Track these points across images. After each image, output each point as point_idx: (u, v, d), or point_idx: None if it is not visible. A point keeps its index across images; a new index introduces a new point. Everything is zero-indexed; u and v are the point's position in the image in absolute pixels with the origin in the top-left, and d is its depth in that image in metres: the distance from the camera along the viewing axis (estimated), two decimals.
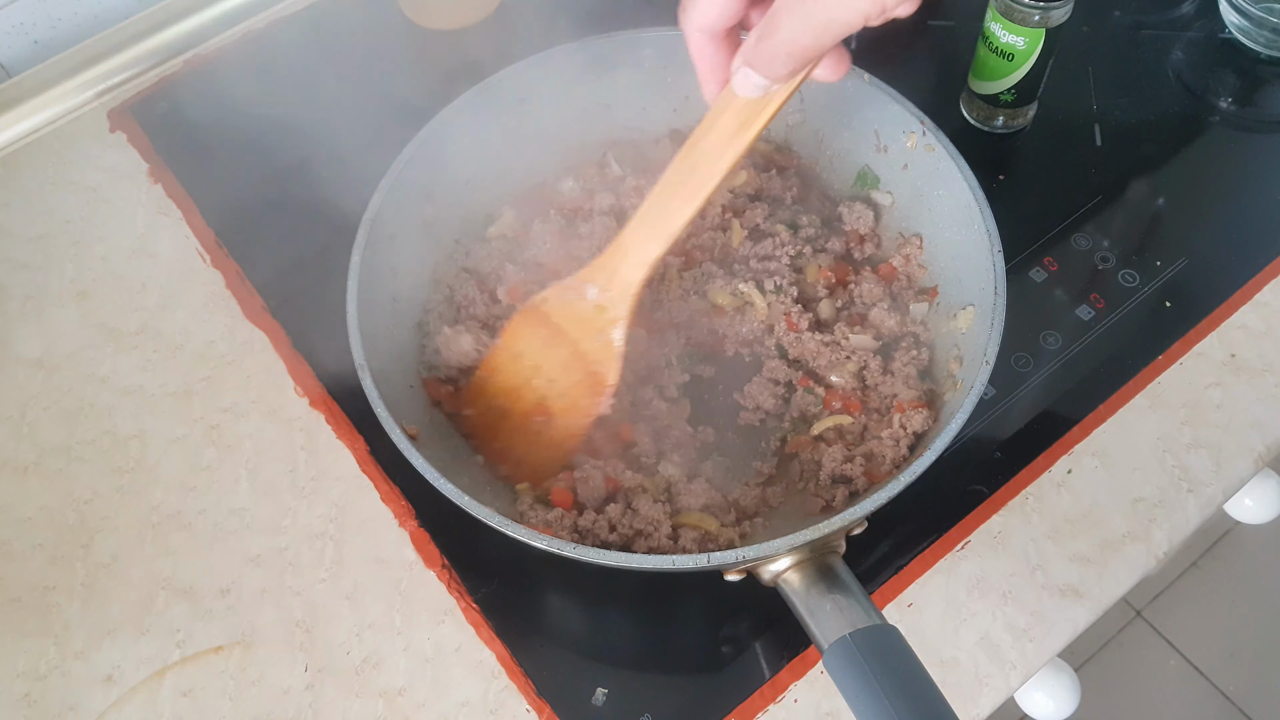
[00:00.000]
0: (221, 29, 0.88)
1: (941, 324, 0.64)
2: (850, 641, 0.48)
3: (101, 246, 0.77)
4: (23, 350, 0.73)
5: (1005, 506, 0.64)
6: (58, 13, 0.87)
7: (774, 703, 0.59)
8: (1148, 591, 1.51)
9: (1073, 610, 0.61)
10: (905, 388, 0.62)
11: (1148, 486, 0.65)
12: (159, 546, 0.65)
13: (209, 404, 0.70)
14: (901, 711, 0.46)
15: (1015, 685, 0.60)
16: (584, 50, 0.70)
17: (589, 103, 0.73)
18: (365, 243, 0.61)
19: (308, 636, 0.62)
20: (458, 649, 0.61)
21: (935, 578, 0.62)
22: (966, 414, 0.54)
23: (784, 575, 0.52)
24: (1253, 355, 0.69)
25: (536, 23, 0.86)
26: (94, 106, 0.85)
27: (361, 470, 0.67)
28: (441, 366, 0.64)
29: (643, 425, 0.63)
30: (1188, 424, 0.67)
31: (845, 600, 0.51)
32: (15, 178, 0.81)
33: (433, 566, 0.63)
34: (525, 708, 0.59)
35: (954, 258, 0.64)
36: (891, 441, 0.60)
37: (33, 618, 0.63)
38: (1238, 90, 0.82)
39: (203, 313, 0.74)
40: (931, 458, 0.53)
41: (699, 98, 0.73)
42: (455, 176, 0.69)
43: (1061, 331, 0.70)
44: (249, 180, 0.80)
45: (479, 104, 0.68)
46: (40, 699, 0.60)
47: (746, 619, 0.61)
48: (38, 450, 0.69)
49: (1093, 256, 0.74)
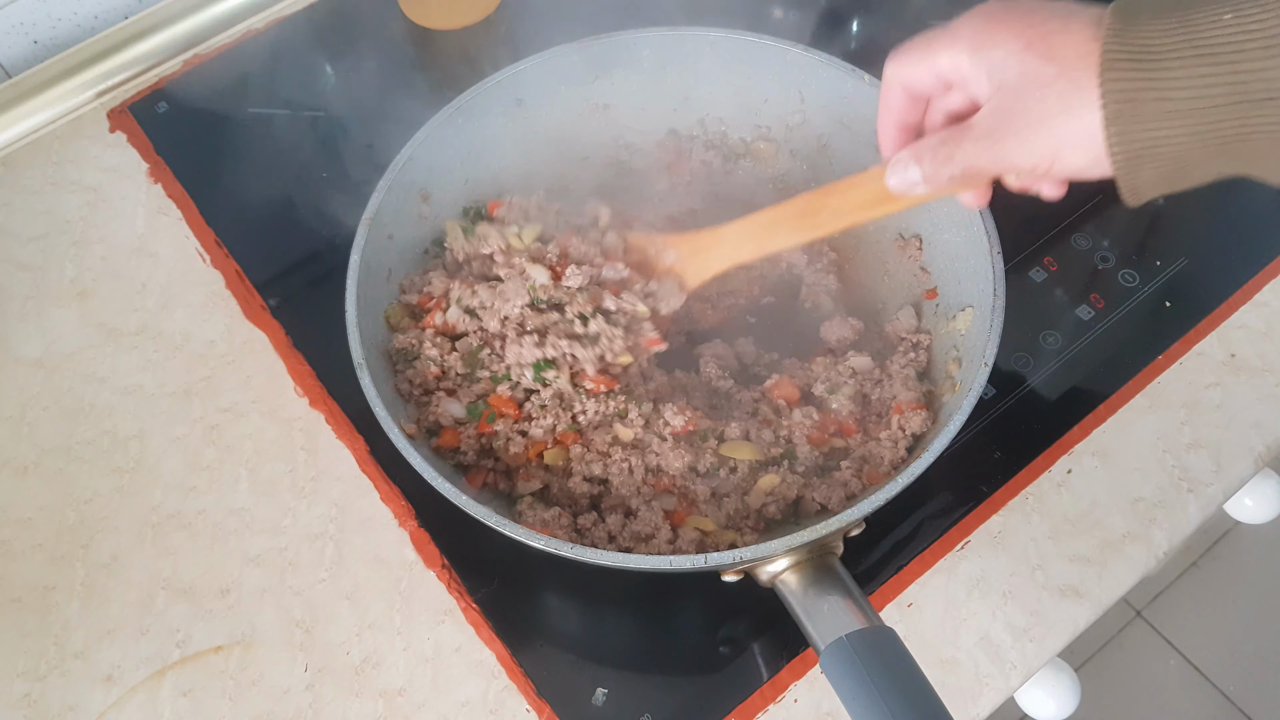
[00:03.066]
0: (221, 29, 0.88)
1: (940, 325, 0.64)
2: (847, 643, 0.49)
3: (101, 246, 0.77)
4: (23, 350, 0.73)
5: (1005, 506, 0.64)
6: (57, 13, 0.87)
7: (774, 703, 0.59)
8: (1148, 591, 1.51)
9: (1073, 610, 0.61)
10: (904, 389, 0.62)
11: (1148, 486, 0.65)
12: (159, 546, 0.65)
13: (209, 404, 0.70)
14: (897, 713, 0.46)
15: (1015, 685, 0.60)
16: (582, 51, 0.70)
17: (587, 103, 0.73)
18: (364, 242, 0.62)
19: (308, 636, 0.62)
20: (458, 649, 0.61)
21: (935, 577, 0.62)
22: (964, 416, 0.54)
23: (781, 576, 0.52)
24: (1253, 355, 0.69)
25: (535, 23, 0.86)
26: (94, 106, 0.85)
27: (361, 470, 0.67)
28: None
29: None
30: (1188, 424, 0.67)
31: (842, 602, 0.51)
32: (15, 178, 0.81)
33: (433, 566, 0.63)
34: (525, 708, 0.59)
35: (953, 259, 0.64)
36: (890, 443, 0.60)
37: (32, 618, 0.63)
38: None
39: (202, 313, 0.74)
40: (929, 459, 0.53)
41: (697, 98, 0.74)
42: (454, 177, 0.69)
43: (1061, 331, 0.70)
44: (249, 180, 0.80)
45: (477, 104, 0.68)
46: (40, 699, 0.60)
47: (747, 619, 0.61)
48: (37, 450, 0.69)
49: (1093, 256, 0.74)
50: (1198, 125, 0.39)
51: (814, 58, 0.68)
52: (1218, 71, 0.38)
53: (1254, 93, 0.38)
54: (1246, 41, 0.38)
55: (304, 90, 0.84)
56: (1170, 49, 0.39)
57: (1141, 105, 0.39)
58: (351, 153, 0.81)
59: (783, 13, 0.87)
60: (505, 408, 0.60)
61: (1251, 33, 0.38)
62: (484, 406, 0.60)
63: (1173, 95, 0.39)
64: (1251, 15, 0.38)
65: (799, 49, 0.68)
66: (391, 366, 0.62)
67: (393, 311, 0.64)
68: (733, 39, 0.70)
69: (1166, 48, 0.39)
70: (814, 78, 0.69)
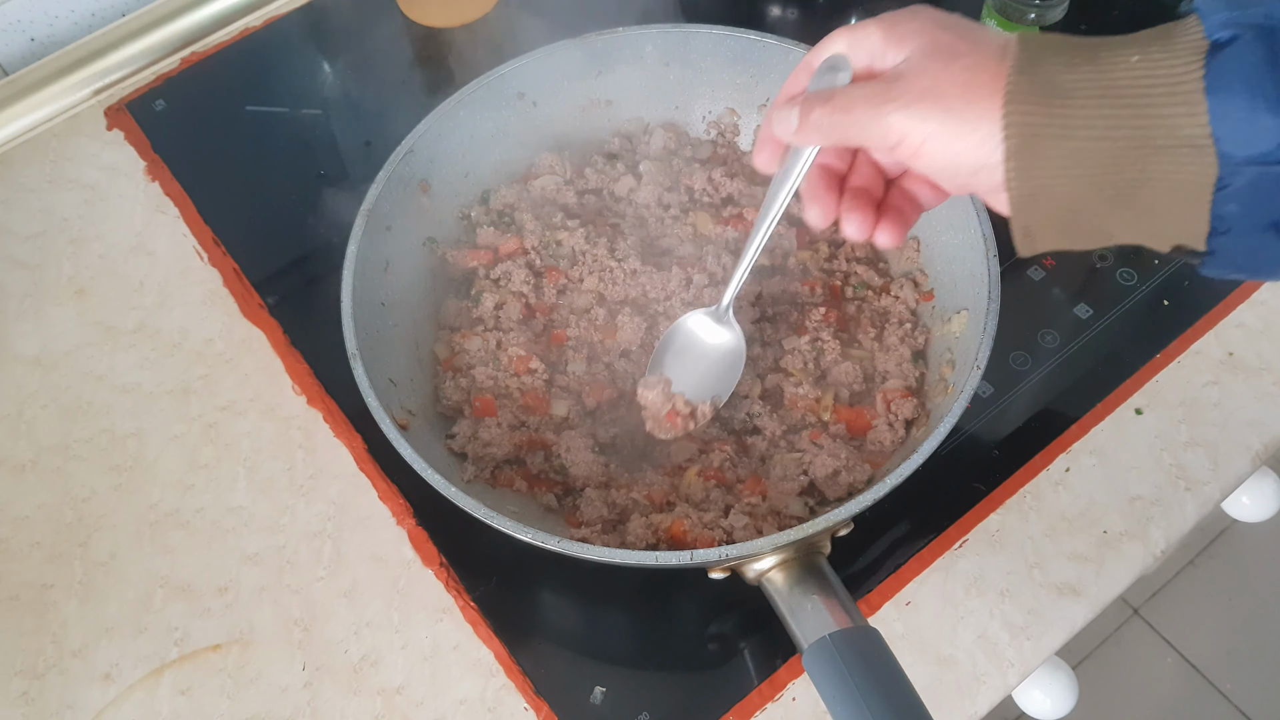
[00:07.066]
0: (218, 26, 0.88)
1: (936, 327, 0.64)
2: (830, 642, 0.49)
3: (99, 244, 0.77)
4: (20, 348, 0.73)
5: (1003, 505, 0.64)
6: (55, 10, 0.87)
7: (772, 701, 0.59)
8: (1145, 589, 1.51)
9: (1070, 608, 0.61)
10: (896, 368, 0.63)
11: (1145, 485, 0.65)
12: (157, 545, 0.65)
13: (207, 402, 0.70)
14: (878, 713, 0.46)
15: (1013, 683, 0.60)
16: (585, 46, 0.70)
17: (589, 98, 0.73)
18: (362, 233, 0.61)
19: (306, 635, 0.62)
20: (456, 647, 0.61)
21: (933, 576, 0.62)
22: (954, 419, 0.54)
23: (768, 574, 0.53)
24: (1250, 354, 0.69)
25: (534, 21, 0.86)
26: (91, 104, 0.85)
27: (359, 468, 0.67)
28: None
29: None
30: (1185, 422, 0.67)
31: (827, 601, 0.51)
32: (12, 176, 0.81)
33: (431, 564, 0.63)
34: (523, 706, 0.59)
35: (950, 261, 0.64)
36: (886, 427, 0.61)
37: (30, 616, 0.63)
38: None
39: (200, 311, 0.74)
40: (919, 460, 0.53)
41: (700, 95, 0.74)
42: (453, 169, 0.69)
43: (1059, 330, 0.70)
44: (246, 178, 0.80)
45: (479, 97, 0.68)
46: (38, 697, 0.60)
47: (745, 618, 0.61)
48: (35, 448, 0.69)
49: (1090, 255, 0.74)
50: (1098, 166, 0.38)
51: None
52: (1122, 114, 0.37)
53: (1157, 138, 0.37)
54: (1152, 86, 0.37)
55: (301, 88, 0.84)
56: (1075, 87, 0.38)
57: (1043, 142, 0.38)
58: (349, 151, 0.81)
59: (784, 11, 0.87)
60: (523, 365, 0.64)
61: (1157, 77, 0.37)
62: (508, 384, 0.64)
63: (1077, 134, 0.38)
64: (1159, 60, 0.37)
65: (801, 48, 0.68)
66: (443, 429, 0.63)
67: (440, 348, 0.66)
68: (735, 37, 0.70)
69: (1071, 85, 0.38)
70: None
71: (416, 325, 0.66)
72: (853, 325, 0.66)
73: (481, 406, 0.63)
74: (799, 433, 0.62)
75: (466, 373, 0.64)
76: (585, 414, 0.64)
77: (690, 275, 0.67)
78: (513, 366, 0.64)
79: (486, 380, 0.63)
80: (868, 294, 0.67)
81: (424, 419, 0.62)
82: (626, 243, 0.68)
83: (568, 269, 0.68)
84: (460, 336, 0.66)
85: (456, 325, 0.67)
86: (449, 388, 0.64)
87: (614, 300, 0.67)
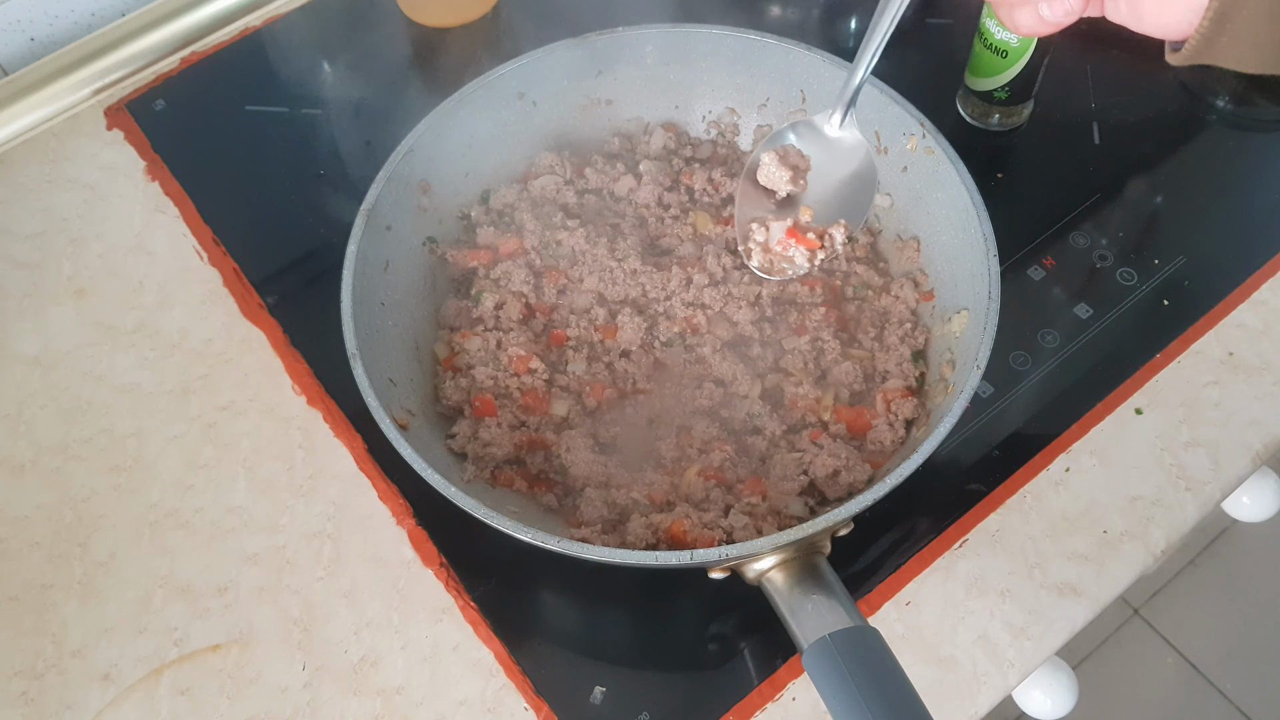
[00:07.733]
0: (218, 26, 0.88)
1: (936, 327, 0.64)
2: (829, 642, 0.49)
3: (98, 244, 0.77)
4: (20, 348, 0.73)
5: (1003, 505, 0.64)
6: (54, 10, 0.87)
7: (772, 701, 0.59)
8: (1145, 589, 1.51)
9: (1070, 608, 0.61)
10: (896, 368, 0.63)
11: (1145, 485, 0.65)
12: (156, 545, 0.65)
13: (206, 402, 0.70)
14: (878, 713, 0.46)
15: (1013, 683, 0.60)
16: (585, 46, 0.70)
17: (589, 98, 0.73)
18: (362, 233, 0.62)
19: (305, 635, 0.62)
20: (456, 647, 0.61)
21: (933, 576, 0.62)
22: (955, 419, 0.54)
23: (768, 574, 0.53)
24: (1250, 354, 0.69)
25: (533, 21, 0.86)
26: (91, 104, 0.85)
27: (359, 468, 0.66)
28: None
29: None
30: (1185, 422, 0.67)
31: (827, 601, 0.51)
32: (12, 176, 0.81)
33: (431, 565, 0.63)
34: (523, 706, 0.59)
35: (950, 261, 0.64)
36: (886, 426, 0.61)
37: (30, 616, 0.63)
38: (1236, 89, 0.82)
39: (200, 310, 0.74)
40: (919, 460, 0.53)
41: (700, 95, 0.73)
42: (453, 169, 0.69)
43: (1060, 330, 0.70)
44: (246, 178, 0.80)
45: (479, 97, 0.68)
46: (38, 697, 0.60)
47: (746, 618, 0.61)
48: (35, 448, 0.69)
49: (1091, 255, 0.74)
50: None
51: (816, 56, 0.68)
52: None
53: None
54: None
55: (301, 88, 0.84)
56: None
57: None
58: (349, 151, 0.81)
59: (784, 11, 0.87)
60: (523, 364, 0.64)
61: None
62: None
63: None
64: None
65: (801, 47, 0.68)
66: (443, 429, 0.63)
67: (440, 347, 0.66)
68: (735, 37, 0.70)
69: None
70: (816, 76, 0.69)
71: (416, 325, 0.66)
72: (853, 325, 0.66)
73: (481, 406, 0.63)
74: (799, 433, 0.62)
75: (466, 373, 0.64)
76: (585, 414, 0.64)
77: (690, 275, 0.67)
78: (513, 366, 0.64)
79: (486, 380, 0.63)
80: (868, 294, 0.67)
81: (424, 419, 0.62)
82: (626, 243, 0.68)
83: (568, 269, 0.68)
84: (460, 336, 0.66)
85: (456, 325, 0.67)
86: (449, 388, 0.64)
87: (614, 300, 0.67)
